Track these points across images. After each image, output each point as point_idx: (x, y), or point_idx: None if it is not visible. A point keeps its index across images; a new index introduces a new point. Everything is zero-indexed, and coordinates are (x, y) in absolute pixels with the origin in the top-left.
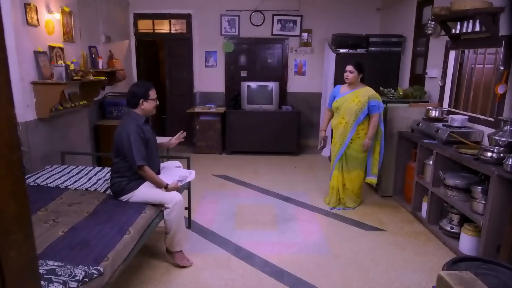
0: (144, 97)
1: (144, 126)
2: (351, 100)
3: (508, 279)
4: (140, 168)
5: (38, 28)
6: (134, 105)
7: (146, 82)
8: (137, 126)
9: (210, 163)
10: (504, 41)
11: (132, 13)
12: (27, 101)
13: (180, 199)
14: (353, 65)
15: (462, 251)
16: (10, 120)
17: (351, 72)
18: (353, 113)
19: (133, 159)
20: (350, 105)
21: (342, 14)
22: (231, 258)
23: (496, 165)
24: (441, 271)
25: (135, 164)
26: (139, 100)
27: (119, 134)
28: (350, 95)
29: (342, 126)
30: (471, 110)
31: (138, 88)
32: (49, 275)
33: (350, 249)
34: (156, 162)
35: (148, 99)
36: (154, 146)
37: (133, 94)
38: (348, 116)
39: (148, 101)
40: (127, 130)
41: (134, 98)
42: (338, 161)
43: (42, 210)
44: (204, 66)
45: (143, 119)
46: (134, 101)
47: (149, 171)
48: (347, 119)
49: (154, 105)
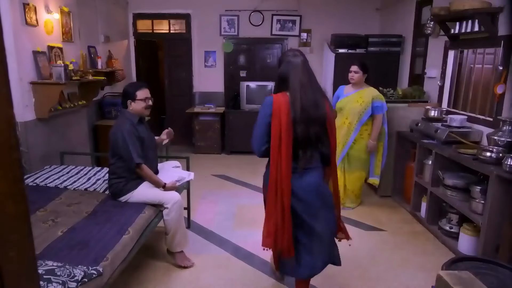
0: (132, 98)
1: (138, 125)
2: (355, 100)
3: (507, 279)
4: (137, 167)
5: (37, 28)
6: (125, 105)
7: (138, 83)
8: (130, 126)
9: (209, 163)
10: (503, 41)
11: (131, 13)
12: (26, 101)
13: (179, 200)
14: (358, 65)
15: (461, 251)
16: (9, 120)
17: (356, 72)
18: (356, 114)
19: (130, 157)
20: (353, 106)
21: (341, 14)
22: (230, 258)
23: (495, 165)
24: (440, 271)
25: (132, 162)
26: (127, 101)
27: (114, 134)
28: (354, 95)
29: (346, 126)
30: (470, 110)
31: (128, 88)
32: (48, 275)
33: (349, 249)
34: (153, 161)
35: (136, 100)
36: (151, 145)
37: (123, 94)
38: (351, 117)
39: (136, 102)
40: (121, 129)
41: (124, 98)
42: (340, 161)
43: (41, 210)
44: (203, 66)
45: (137, 118)
46: (124, 101)
47: (147, 169)
48: (351, 120)
49: (143, 105)
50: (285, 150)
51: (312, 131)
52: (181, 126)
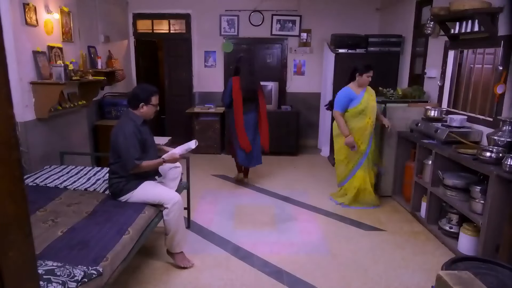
0: (146, 101)
1: (142, 127)
2: (371, 99)
3: (507, 279)
4: (133, 169)
5: (37, 28)
6: (135, 106)
7: (152, 87)
8: (134, 127)
9: (209, 163)
10: (503, 41)
11: (131, 13)
12: (26, 101)
13: (179, 200)
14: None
15: (461, 251)
16: (8, 120)
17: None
18: (374, 111)
19: (128, 158)
20: (372, 104)
21: (341, 14)
22: (230, 258)
23: (495, 165)
24: (440, 271)
25: (129, 163)
26: (140, 103)
27: (115, 134)
28: (366, 94)
29: (369, 125)
30: (470, 110)
31: (142, 91)
32: (48, 275)
33: (349, 249)
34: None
35: (149, 104)
36: (152, 147)
37: (135, 96)
38: (372, 115)
39: (149, 106)
40: (124, 130)
41: (135, 99)
42: (364, 161)
43: (41, 210)
44: (203, 66)
45: (141, 120)
46: (135, 103)
47: (143, 164)
48: (372, 118)
49: (154, 110)
50: (239, 103)
51: (250, 95)
52: (181, 126)
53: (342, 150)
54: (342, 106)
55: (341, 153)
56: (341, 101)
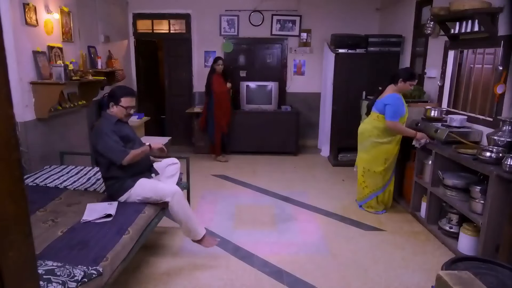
0: (115, 102)
1: (118, 124)
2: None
3: (507, 279)
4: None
5: (37, 28)
6: (107, 106)
7: (128, 88)
8: (110, 125)
9: (209, 163)
10: (502, 41)
11: (131, 13)
12: (26, 101)
13: (178, 191)
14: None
15: (461, 251)
16: (8, 120)
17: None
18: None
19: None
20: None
21: (341, 14)
22: (230, 258)
23: (495, 165)
24: (440, 271)
25: (117, 157)
26: (110, 103)
27: (94, 135)
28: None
29: None
30: (470, 110)
31: (116, 90)
32: (48, 275)
33: (349, 249)
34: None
35: (118, 105)
36: (135, 140)
37: (109, 95)
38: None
39: (118, 107)
40: (101, 129)
41: (108, 98)
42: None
43: (41, 210)
44: (203, 66)
45: (115, 119)
46: (108, 102)
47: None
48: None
49: (125, 113)
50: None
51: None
52: (181, 126)
53: (381, 159)
54: (398, 115)
55: (380, 163)
56: (400, 109)
